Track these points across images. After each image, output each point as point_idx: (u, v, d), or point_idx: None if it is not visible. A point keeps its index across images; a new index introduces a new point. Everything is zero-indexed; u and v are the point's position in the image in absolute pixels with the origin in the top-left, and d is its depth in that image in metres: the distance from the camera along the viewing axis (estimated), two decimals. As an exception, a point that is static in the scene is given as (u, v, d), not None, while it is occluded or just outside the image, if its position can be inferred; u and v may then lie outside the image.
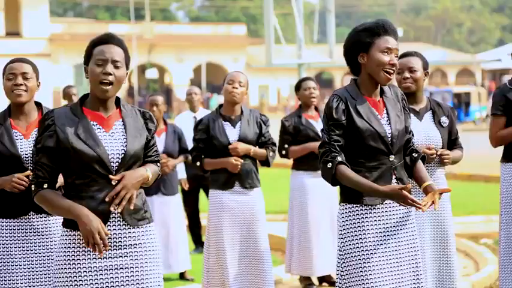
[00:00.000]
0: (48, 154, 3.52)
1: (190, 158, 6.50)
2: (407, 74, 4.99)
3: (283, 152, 7.05)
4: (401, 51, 4.53)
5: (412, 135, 4.12)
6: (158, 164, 3.74)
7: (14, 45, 43.90)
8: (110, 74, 3.52)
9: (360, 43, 3.90)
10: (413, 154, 4.06)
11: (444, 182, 5.03)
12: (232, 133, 5.91)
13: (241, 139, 5.89)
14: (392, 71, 3.89)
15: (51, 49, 44.51)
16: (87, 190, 3.51)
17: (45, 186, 3.54)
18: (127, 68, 3.62)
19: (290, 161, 7.35)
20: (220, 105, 6.04)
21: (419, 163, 4.06)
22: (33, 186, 3.56)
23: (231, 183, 5.88)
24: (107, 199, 3.48)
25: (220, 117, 5.95)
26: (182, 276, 7.89)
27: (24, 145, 4.40)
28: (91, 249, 3.49)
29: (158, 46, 49.19)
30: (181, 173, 8.41)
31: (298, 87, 7.23)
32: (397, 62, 3.93)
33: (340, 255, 3.90)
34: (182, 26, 55.41)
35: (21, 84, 4.37)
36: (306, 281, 7.29)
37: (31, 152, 4.37)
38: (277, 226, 9.35)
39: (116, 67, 3.54)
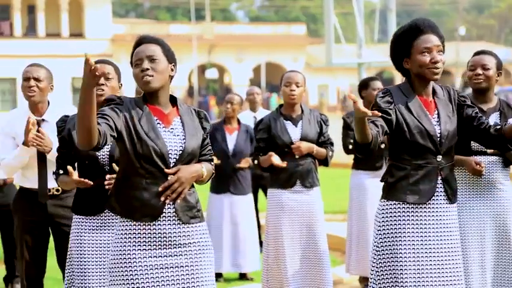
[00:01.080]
0: (111, 119, 3.51)
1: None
2: (479, 71, 4.92)
3: (350, 147, 7.00)
4: (464, 50, 4.49)
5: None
6: (212, 163, 3.78)
7: (77, 46, 44.63)
8: (147, 69, 3.58)
9: (400, 49, 3.95)
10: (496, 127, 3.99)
11: (508, 184, 4.96)
12: (294, 132, 5.93)
13: (303, 138, 5.91)
14: (437, 68, 3.89)
15: (113, 49, 45.09)
16: (142, 181, 3.55)
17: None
18: (171, 61, 3.66)
19: (349, 161, 7.31)
20: (281, 105, 6.06)
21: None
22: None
23: (292, 182, 5.89)
24: (160, 189, 3.52)
25: (282, 116, 5.97)
26: (242, 275, 7.91)
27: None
28: None
29: (218, 46, 49.43)
30: None
31: (365, 85, 7.13)
32: (441, 58, 3.92)
33: (377, 252, 3.88)
34: (242, 26, 55.57)
35: (102, 84, 4.45)
36: (365, 281, 7.25)
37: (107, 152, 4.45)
38: (336, 226, 9.31)
39: (152, 61, 3.60)
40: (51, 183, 5.18)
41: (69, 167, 4.28)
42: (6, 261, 7.52)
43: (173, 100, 3.72)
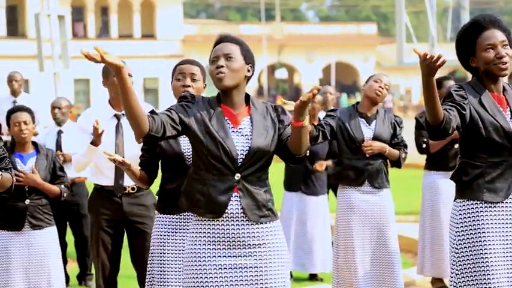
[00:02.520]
0: (175, 112, 3.56)
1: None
2: None
3: (424, 146, 6.91)
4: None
5: None
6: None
7: (149, 47, 45.21)
8: (222, 66, 3.59)
9: (465, 49, 3.90)
10: None
11: None
12: (367, 130, 5.89)
13: (376, 137, 5.87)
14: (504, 63, 3.83)
15: (184, 50, 45.53)
16: (209, 177, 3.56)
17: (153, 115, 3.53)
18: (248, 62, 3.66)
19: (420, 161, 7.22)
20: (357, 102, 6.03)
21: None
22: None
23: (360, 181, 5.84)
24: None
25: (357, 113, 5.94)
26: (312, 276, 7.89)
27: (187, 144, 4.47)
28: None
29: (288, 46, 49.44)
30: None
31: (438, 85, 7.03)
32: (507, 52, 3.85)
33: (456, 253, 3.81)
34: (312, 26, 55.49)
35: (189, 86, 4.48)
36: (438, 282, 7.15)
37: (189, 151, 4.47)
38: (407, 227, 9.21)
39: (229, 59, 3.60)
40: (128, 181, 5.25)
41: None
42: (79, 259, 7.65)
43: (247, 99, 3.72)
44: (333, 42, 49.77)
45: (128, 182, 5.25)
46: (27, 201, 5.37)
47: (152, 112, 3.51)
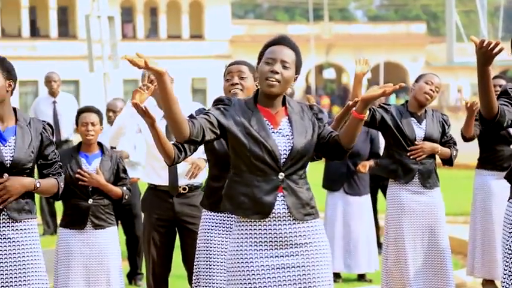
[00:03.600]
0: (213, 116, 3.59)
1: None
2: None
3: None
4: None
5: None
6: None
7: (197, 48, 45.43)
8: (277, 73, 3.59)
9: None
10: None
11: None
12: (418, 130, 5.84)
13: (428, 137, 5.82)
14: None
15: (232, 50, 45.66)
16: (253, 179, 3.57)
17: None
18: (297, 72, 3.68)
19: (471, 161, 7.13)
20: (406, 101, 5.97)
21: None
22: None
23: (408, 178, 5.79)
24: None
25: (408, 113, 5.88)
26: (361, 277, 7.85)
27: None
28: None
29: (336, 46, 49.27)
30: None
31: None
32: None
33: (510, 255, 3.74)
34: (360, 26, 55.20)
35: (237, 83, 4.50)
36: (489, 284, 7.05)
37: None
38: (457, 228, 9.11)
39: (284, 67, 3.61)
40: (181, 181, 5.28)
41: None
42: (130, 258, 7.72)
43: (283, 99, 3.73)
44: (381, 42, 49.43)
45: (181, 182, 5.29)
46: (90, 201, 5.46)
47: (191, 116, 3.54)
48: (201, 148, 4.55)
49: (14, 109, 4.17)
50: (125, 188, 5.58)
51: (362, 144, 7.62)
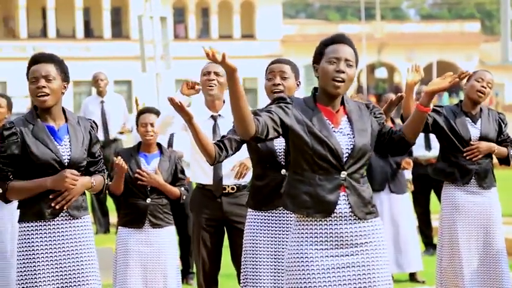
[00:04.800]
0: (275, 114, 3.57)
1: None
2: None
3: None
4: None
5: None
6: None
7: (248, 47, 45.53)
8: (343, 72, 3.57)
9: None
10: None
11: None
12: (473, 130, 5.75)
13: (483, 137, 5.72)
14: None
15: (283, 50, 45.65)
16: (315, 177, 3.55)
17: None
18: (355, 68, 3.66)
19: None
20: (461, 101, 5.88)
21: None
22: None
23: (466, 180, 5.70)
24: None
25: (462, 112, 5.80)
26: (413, 277, 7.78)
27: (279, 141, 4.50)
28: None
29: (388, 45, 48.93)
30: (407, 173, 8.32)
31: None
32: None
33: None
34: (413, 25, 54.73)
35: (279, 84, 4.50)
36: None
37: None
38: (512, 230, 8.96)
39: (349, 65, 3.60)
40: (227, 181, 5.29)
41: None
42: (182, 257, 7.76)
43: (341, 98, 3.71)
44: (434, 41, 48.95)
45: (228, 181, 5.30)
46: (148, 200, 5.51)
47: (255, 114, 3.51)
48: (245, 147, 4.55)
49: (62, 108, 4.22)
50: (182, 188, 5.63)
51: None
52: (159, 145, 5.66)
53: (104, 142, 10.21)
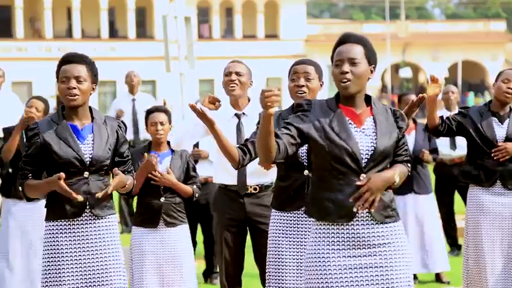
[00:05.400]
0: (290, 128, 3.57)
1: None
2: None
3: None
4: None
5: None
6: (408, 165, 3.72)
7: (272, 47, 45.51)
8: (346, 72, 3.56)
9: None
10: None
11: None
12: (499, 130, 5.70)
13: (509, 137, 5.66)
14: None
15: (307, 50, 45.58)
16: (335, 183, 3.53)
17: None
18: (371, 63, 3.63)
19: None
20: (490, 101, 5.83)
21: None
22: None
23: (491, 181, 5.65)
24: (350, 200, 3.48)
25: (490, 112, 5.75)
26: (438, 278, 7.74)
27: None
28: (337, 247, 3.52)
29: (413, 45, 48.70)
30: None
31: None
32: None
33: None
34: (438, 24, 54.42)
35: (303, 86, 4.50)
36: None
37: None
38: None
39: (353, 64, 3.58)
40: (250, 180, 5.29)
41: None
42: (207, 257, 7.77)
43: (368, 99, 3.68)
44: (459, 40, 48.64)
45: (251, 181, 5.30)
46: (162, 200, 5.52)
47: (276, 136, 3.51)
48: None
49: (90, 108, 4.24)
50: (195, 186, 5.63)
51: (422, 142, 7.62)
52: (169, 144, 5.66)
53: (133, 142, 10.25)
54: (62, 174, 3.96)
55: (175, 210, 5.56)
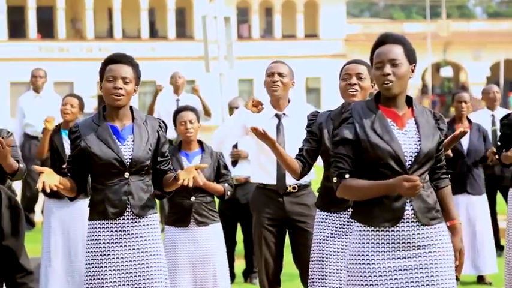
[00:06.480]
0: (347, 145, 3.56)
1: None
2: None
3: None
4: None
5: None
6: (449, 176, 3.72)
7: (312, 47, 45.42)
8: (389, 74, 3.52)
9: None
10: None
11: None
12: None
13: None
14: None
15: (347, 50, 45.41)
16: None
17: (347, 176, 3.55)
18: (412, 62, 3.58)
19: None
20: None
21: None
22: (334, 178, 3.60)
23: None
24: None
25: None
26: (480, 279, 7.66)
27: None
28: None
29: (454, 44, 48.26)
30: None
31: None
32: None
33: None
34: (479, 23, 53.85)
35: (355, 84, 4.50)
36: None
37: None
38: None
39: (394, 65, 3.53)
40: (290, 179, 5.28)
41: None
42: (247, 256, 7.78)
43: (409, 100, 3.65)
44: (502, 39, 48.06)
45: (290, 180, 5.29)
46: (192, 199, 5.52)
47: (343, 167, 3.54)
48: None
49: (131, 108, 4.26)
50: (226, 184, 5.61)
51: (477, 142, 7.53)
52: (200, 142, 5.67)
53: (175, 140, 10.29)
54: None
55: (207, 209, 5.56)
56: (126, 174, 4.13)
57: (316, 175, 5.28)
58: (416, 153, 3.51)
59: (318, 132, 4.53)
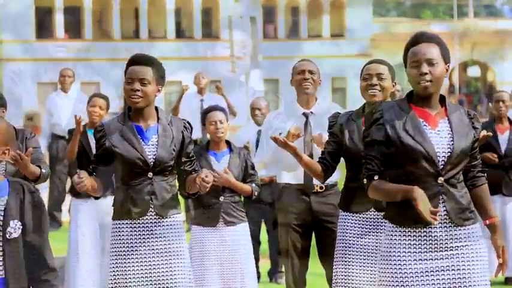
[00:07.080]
0: (376, 146, 3.54)
1: None
2: None
3: None
4: None
5: None
6: (485, 174, 3.70)
7: (337, 47, 45.29)
8: (426, 74, 3.49)
9: None
10: None
11: None
12: None
13: None
14: None
15: (373, 49, 45.22)
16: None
17: (376, 177, 3.54)
18: (447, 62, 3.56)
19: None
20: None
21: None
22: (364, 180, 3.58)
23: None
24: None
25: None
26: (508, 280, 7.60)
27: None
28: (415, 250, 3.47)
29: (481, 43, 47.91)
30: None
31: None
32: None
33: None
34: (507, 22, 53.40)
35: (376, 84, 4.48)
36: None
37: None
38: None
39: (431, 65, 3.51)
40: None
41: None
42: (271, 256, 7.78)
43: (442, 100, 3.62)
44: (529, 39, 47.65)
45: (316, 180, 5.28)
46: (221, 199, 5.53)
47: (375, 167, 3.55)
48: None
49: (156, 108, 4.27)
50: (253, 184, 5.62)
51: None
52: (228, 142, 5.67)
53: (200, 140, 10.32)
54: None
55: (235, 209, 5.57)
56: (150, 174, 4.15)
57: (341, 174, 5.26)
58: (449, 153, 3.49)
59: (339, 133, 4.52)
